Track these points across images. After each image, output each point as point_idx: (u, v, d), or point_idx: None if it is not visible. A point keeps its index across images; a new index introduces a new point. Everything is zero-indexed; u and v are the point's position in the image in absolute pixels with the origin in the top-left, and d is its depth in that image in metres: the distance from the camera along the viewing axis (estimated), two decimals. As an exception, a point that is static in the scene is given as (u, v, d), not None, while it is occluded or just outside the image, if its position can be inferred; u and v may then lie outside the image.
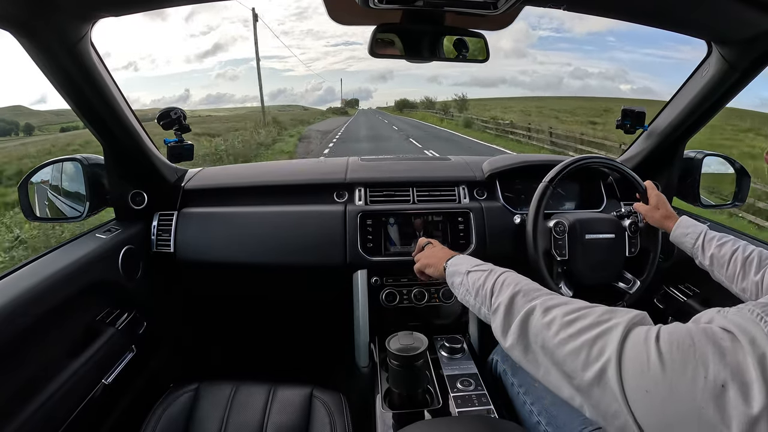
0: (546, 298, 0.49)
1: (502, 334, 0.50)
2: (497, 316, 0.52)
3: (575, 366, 0.39)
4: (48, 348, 0.74)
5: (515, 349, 0.48)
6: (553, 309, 0.46)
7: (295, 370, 1.16)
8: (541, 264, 0.95)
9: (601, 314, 0.41)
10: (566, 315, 0.43)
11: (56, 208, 1.00)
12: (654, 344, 0.34)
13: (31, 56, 0.69)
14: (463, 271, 0.64)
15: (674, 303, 1.12)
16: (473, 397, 0.80)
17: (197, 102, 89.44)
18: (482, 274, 0.60)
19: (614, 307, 0.42)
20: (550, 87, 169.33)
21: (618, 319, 0.39)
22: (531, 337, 0.46)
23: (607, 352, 0.37)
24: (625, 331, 0.37)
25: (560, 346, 0.41)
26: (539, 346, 0.44)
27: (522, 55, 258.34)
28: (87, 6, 0.67)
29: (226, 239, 1.06)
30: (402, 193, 1.12)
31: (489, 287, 0.56)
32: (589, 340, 0.39)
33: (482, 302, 0.57)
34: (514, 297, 0.51)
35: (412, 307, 1.07)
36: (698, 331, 0.34)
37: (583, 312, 0.43)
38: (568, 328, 0.42)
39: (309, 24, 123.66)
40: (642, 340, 0.36)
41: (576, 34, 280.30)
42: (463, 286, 0.63)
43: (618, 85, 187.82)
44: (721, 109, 0.99)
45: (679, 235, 0.86)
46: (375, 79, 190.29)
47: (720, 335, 0.33)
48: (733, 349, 0.31)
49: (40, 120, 30.13)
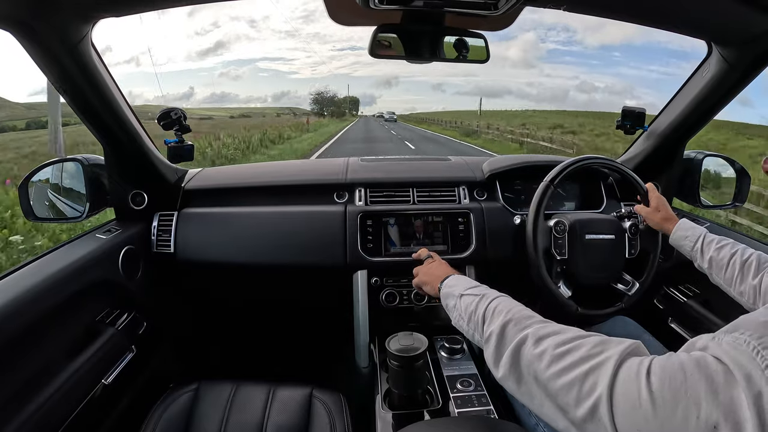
0: (537, 327, 0.47)
1: (494, 364, 0.49)
2: (489, 345, 0.51)
3: (568, 400, 0.39)
4: (48, 348, 0.74)
5: (508, 380, 0.47)
6: (545, 339, 0.45)
7: (295, 370, 1.16)
8: (540, 263, 0.95)
9: (594, 345, 0.40)
10: (558, 346, 0.43)
11: (56, 208, 1.00)
12: (644, 380, 0.34)
13: (32, 56, 0.69)
14: (457, 293, 0.63)
15: (674, 304, 1.12)
16: (473, 397, 0.80)
17: (200, 100, 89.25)
18: (474, 299, 0.59)
19: (608, 338, 0.42)
20: (556, 99, 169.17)
21: (610, 351, 0.39)
22: (523, 368, 0.45)
23: (599, 388, 0.36)
24: (617, 365, 0.37)
25: (553, 379, 0.41)
26: (532, 378, 0.44)
27: (530, 66, 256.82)
28: (88, 6, 0.67)
29: (226, 239, 1.06)
30: (402, 194, 1.12)
31: (481, 314, 0.56)
32: (581, 374, 0.38)
33: (474, 328, 0.56)
34: (506, 326, 0.50)
35: (412, 308, 1.06)
36: (691, 363, 0.33)
37: (576, 343, 0.42)
38: (560, 361, 0.41)
39: (316, 27, 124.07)
40: (634, 375, 0.35)
41: (583, 48, 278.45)
42: (456, 310, 0.62)
43: (624, 100, 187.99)
44: (721, 109, 0.99)
45: (678, 238, 0.86)
46: (380, 85, 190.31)
47: (713, 368, 0.32)
48: (727, 385, 0.30)
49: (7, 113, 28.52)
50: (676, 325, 1.10)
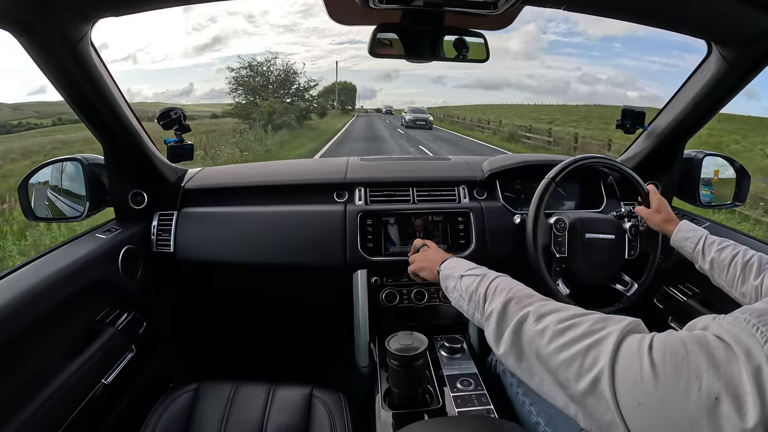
0: (539, 305, 0.48)
1: (495, 341, 0.50)
2: (490, 323, 0.51)
3: (568, 375, 0.39)
4: (48, 348, 0.74)
5: (509, 357, 0.47)
6: (547, 316, 0.45)
7: (295, 369, 1.16)
8: (539, 261, 0.95)
9: (595, 322, 0.41)
10: (560, 322, 0.43)
11: (56, 208, 1.00)
12: (647, 354, 0.34)
13: (31, 56, 0.69)
14: (457, 275, 0.63)
15: (674, 303, 1.12)
16: (473, 396, 0.80)
17: (200, 96, 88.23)
18: (475, 278, 0.59)
19: (609, 315, 0.42)
20: (557, 91, 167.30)
21: (611, 327, 0.39)
22: (524, 345, 0.45)
23: (601, 362, 0.37)
24: (619, 340, 0.37)
25: (554, 354, 0.41)
26: (533, 354, 0.44)
27: (531, 57, 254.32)
28: (87, 6, 0.67)
29: (226, 239, 1.06)
30: (402, 193, 1.12)
31: (482, 293, 0.56)
32: (583, 349, 0.39)
33: (475, 308, 0.56)
34: (507, 303, 0.51)
35: (412, 307, 1.07)
36: (692, 340, 0.33)
37: (577, 320, 0.42)
38: (561, 337, 0.41)
39: (314, 21, 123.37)
40: (635, 349, 0.35)
41: (584, 39, 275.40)
42: (456, 290, 0.62)
43: (626, 92, 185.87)
44: (721, 108, 0.99)
45: (679, 240, 0.86)
46: (380, 79, 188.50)
47: (714, 345, 0.32)
48: (727, 361, 0.31)
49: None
50: (675, 325, 1.10)
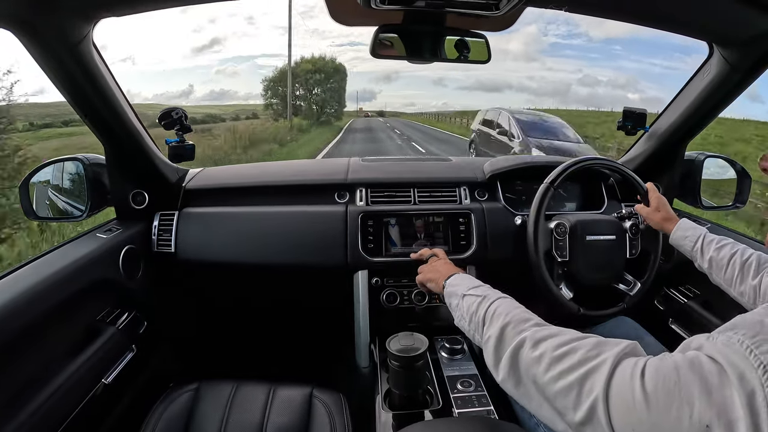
0: (535, 330, 0.48)
1: (494, 366, 0.50)
2: (488, 348, 0.52)
3: (566, 404, 0.39)
4: (48, 347, 0.74)
5: (507, 383, 0.47)
6: (543, 342, 0.45)
7: (295, 370, 1.16)
8: (541, 265, 0.95)
9: (591, 348, 0.41)
10: (556, 349, 0.43)
11: (57, 207, 1.00)
12: (639, 381, 0.34)
13: (32, 56, 0.69)
14: (460, 293, 0.64)
15: (674, 304, 1.12)
16: (473, 398, 0.80)
17: (200, 98, 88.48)
18: (476, 300, 0.60)
19: (605, 339, 0.42)
20: (557, 93, 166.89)
21: (607, 353, 0.39)
22: (522, 371, 0.46)
23: (596, 390, 0.37)
24: (613, 366, 0.37)
25: (551, 383, 0.41)
26: (531, 381, 0.44)
27: (531, 59, 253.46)
28: (89, 6, 0.67)
29: (226, 239, 1.06)
30: (403, 194, 1.12)
31: (481, 316, 0.56)
32: (578, 378, 0.39)
33: (475, 329, 0.58)
34: (504, 328, 0.51)
35: (413, 308, 1.06)
36: (685, 364, 0.33)
37: (573, 345, 0.42)
38: (558, 365, 0.41)
39: (315, 23, 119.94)
40: (628, 376, 0.35)
41: (584, 41, 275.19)
42: (459, 309, 0.63)
43: (627, 93, 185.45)
44: (723, 110, 0.99)
45: (678, 238, 0.86)
46: (380, 80, 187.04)
47: (708, 368, 0.32)
48: (720, 386, 0.30)
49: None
50: (676, 326, 1.10)
